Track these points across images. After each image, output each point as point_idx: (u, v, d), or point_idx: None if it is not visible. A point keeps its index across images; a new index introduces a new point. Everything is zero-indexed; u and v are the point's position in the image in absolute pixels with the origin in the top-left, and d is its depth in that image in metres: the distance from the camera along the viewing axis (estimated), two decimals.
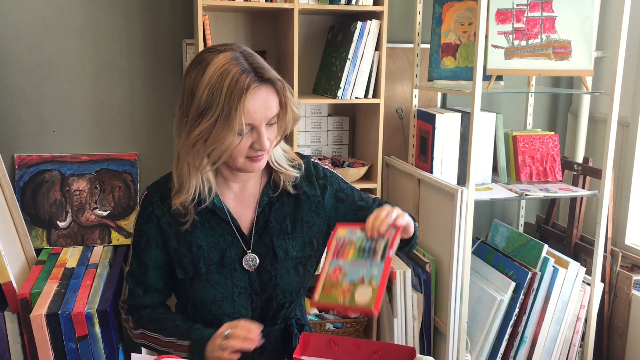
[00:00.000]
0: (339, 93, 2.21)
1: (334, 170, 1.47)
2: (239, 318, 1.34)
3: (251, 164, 1.27)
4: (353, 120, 2.59)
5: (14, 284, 1.90)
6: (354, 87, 2.23)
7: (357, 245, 1.23)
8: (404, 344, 2.25)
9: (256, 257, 1.35)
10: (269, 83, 1.22)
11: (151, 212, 1.33)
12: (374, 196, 1.52)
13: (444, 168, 2.32)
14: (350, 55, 2.19)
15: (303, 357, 1.25)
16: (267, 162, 1.37)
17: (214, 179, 1.31)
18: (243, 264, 1.34)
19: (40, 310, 1.80)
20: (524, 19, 2.14)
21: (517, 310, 2.18)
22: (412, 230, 1.33)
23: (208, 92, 1.18)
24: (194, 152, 1.24)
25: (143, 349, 1.90)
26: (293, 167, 1.39)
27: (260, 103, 1.20)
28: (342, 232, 1.26)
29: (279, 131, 1.30)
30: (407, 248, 1.44)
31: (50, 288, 1.93)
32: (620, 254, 2.37)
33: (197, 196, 1.29)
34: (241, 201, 1.37)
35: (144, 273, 1.35)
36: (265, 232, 1.36)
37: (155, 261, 1.34)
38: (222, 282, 1.33)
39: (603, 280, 2.32)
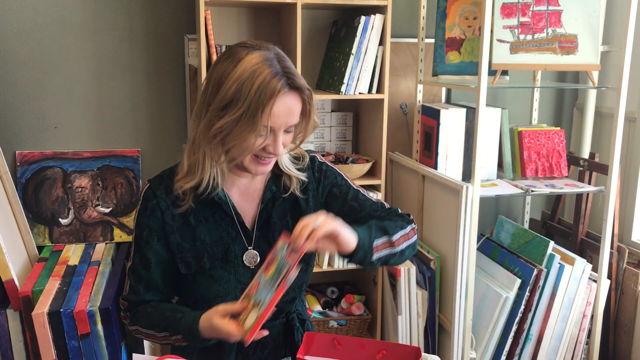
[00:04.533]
0: (343, 88, 2.20)
1: (332, 165, 1.44)
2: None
3: (256, 167, 1.26)
4: (357, 116, 2.57)
5: (16, 282, 1.89)
6: (357, 82, 2.21)
7: (278, 262, 1.17)
8: (408, 341, 2.24)
9: (257, 253, 1.33)
10: (297, 91, 1.22)
11: (155, 204, 1.31)
12: (376, 199, 1.45)
13: (449, 164, 2.30)
14: (353, 50, 2.17)
15: (307, 357, 1.23)
16: (275, 163, 1.35)
17: (227, 171, 1.29)
18: (244, 260, 1.33)
19: (42, 308, 1.79)
20: (530, 13, 2.11)
21: (522, 307, 2.17)
22: (353, 245, 1.21)
23: (237, 86, 1.16)
24: (214, 145, 1.23)
25: (145, 348, 1.90)
26: (300, 169, 1.38)
27: (285, 109, 1.20)
28: (279, 244, 1.20)
29: (295, 138, 1.30)
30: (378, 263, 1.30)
31: (53, 286, 1.92)
32: (627, 251, 2.35)
33: (207, 186, 1.27)
34: (245, 196, 1.36)
35: (146, 268, 1.33)
36: (268, 228, 1.35)
37: (158, 256, 1.32)
38: (225, 277, 1.32)
39: (609, 277, 2.30)
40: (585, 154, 2.62)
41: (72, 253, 2.22)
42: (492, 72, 2.14)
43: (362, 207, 1.40)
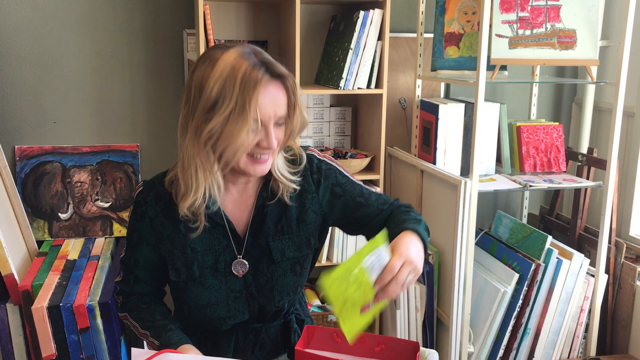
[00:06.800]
0: (342, 83, 2.20)
1: (331, 162, 1.38)
2: (235, 320, 1.33)
3: (253, 166, 1.21)
4: (355, 110, 2.57)
5: (16, 276, 1.89)
6: (356, 77, 2.21)
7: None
8: (406, 335, 2.25)
9: (246, 262, 1.31)
10: (279, 79, 1.18)
11: (144, 211, 1.30)
12: (378, 191, 1.42)
13: (447, 159, 2.30)
14: (352, 45, 2.17)
15: (306, 350, 1.24)
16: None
17: (222, 180, 1.25)
18: (232, 269, 1.30)
19: (41, 302, 1.79)
20: (529, 7, 2.11)
21: (520, 302, 2.17)
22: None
23: (220, 84, 1.13)
24: (205, 154, 1.18)
25: (144, 343, 1.90)
26: (297, 172, 1.32)
27: (271, 99, 1.16)
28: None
29: (286, 134, 1.25)
30: None
31: (52, 280, 1.92)
32: (625, 245, 2.35)
33: (207, 198, 1.24)
34: (239, 205, 1.33)
35: (134, 265, 1.35)
36: (261, 234, 1.32)
37: (146, 258, 1.33)
38: (216, 285, 1.30)
39: (607, 271, 2.31)
40: (584, 149, 2.63)
41: (72, 247, 2.22)
42: (490, 67, 2.14)
43: (369, 202, 1.37)
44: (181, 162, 1.22)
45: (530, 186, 2.19)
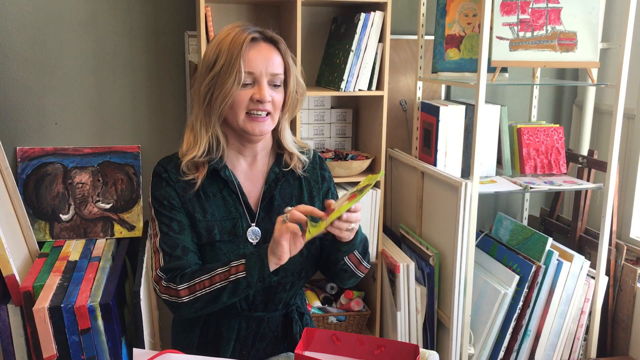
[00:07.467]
0: (342, 85, 2.20)
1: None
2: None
3: (251, 124, 1.32)
4: (356, 112, 2.57)
5: (17, 277, 1.90)
6: (357, 79, 2.22)
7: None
8: (407, 337, 2.25)
9: (259, 230, 1.38)
10: (271, 42, 1.34)
11: (167, 177, 1.37)
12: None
13: (448, 161, 2.31)
14: (353, 47, 2.17)
15: (306, 353, 1.24)
16: (280, 143, 1.42)
17: (222, 136, 1.36)
18: (247, 236, 1.37)
19: (43, 303, 1.79)
20: (529, 10, 2.11)
21: (520, 303, 2.17)
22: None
23: (215, 47, 1.31)
24: (205, 110, 1.33)
25: (146, 343, 1.91)
26: (302, 153, 1.46)
27: (261, 55, 1.31)
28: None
29: (287, 100, 1.37)
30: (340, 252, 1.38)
31: (53, 281, 1.93)
32: (625, 247, 2.36)
33: (207, 150, 1.35)
34: (250, 177, 1.42)
35: (179, 232, 1.33)
36: (272, 209, 1.40)
37: (186, 219, 1.35)
38: (234, 251, 1.36)
39: (607, 273, 2.31)
40: (584, 151, 2.63)
41: (73, 249, 2.22)
42: (491, 69, 2.14)
43: None
44: (189, 128, 1.38)
45: (531, 188, 2.19)
